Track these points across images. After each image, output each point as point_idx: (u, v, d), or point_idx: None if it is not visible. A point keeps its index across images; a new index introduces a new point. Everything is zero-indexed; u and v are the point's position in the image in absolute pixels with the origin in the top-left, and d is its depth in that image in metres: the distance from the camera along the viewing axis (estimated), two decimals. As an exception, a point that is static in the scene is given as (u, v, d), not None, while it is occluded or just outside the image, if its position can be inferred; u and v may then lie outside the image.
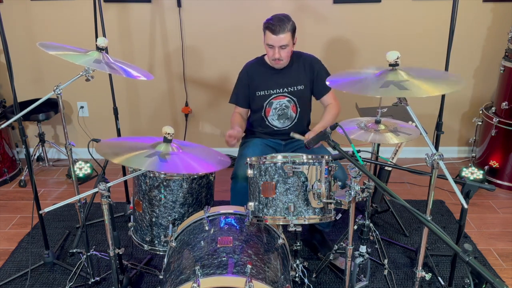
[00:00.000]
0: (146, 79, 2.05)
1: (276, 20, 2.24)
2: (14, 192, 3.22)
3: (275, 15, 2.28)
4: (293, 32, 2.28)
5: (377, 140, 1.97)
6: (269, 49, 2.31)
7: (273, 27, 2.22)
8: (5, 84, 3.50)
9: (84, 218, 2.04)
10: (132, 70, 2.03)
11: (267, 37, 2.27)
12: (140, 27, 3.35)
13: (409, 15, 3.29)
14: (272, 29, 2.23)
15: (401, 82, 1.61)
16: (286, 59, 2.33)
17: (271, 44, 2.26)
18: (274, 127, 2.48)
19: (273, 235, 1.83)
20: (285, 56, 2.30)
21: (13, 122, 2.00)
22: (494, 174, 3.23)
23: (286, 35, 2.23)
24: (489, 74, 3.43)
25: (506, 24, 3.23)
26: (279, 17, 2.26)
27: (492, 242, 2.61)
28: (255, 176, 1.74)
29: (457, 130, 3.66)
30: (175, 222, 1.96)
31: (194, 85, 3.51)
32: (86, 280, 2.18)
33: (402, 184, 3.29)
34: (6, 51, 2.00)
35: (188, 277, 1.52)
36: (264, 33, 2.30)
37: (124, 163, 1.63)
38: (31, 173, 2.17)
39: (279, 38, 2.23)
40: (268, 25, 2.25)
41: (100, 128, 3.61)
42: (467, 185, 1.63)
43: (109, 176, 1.77)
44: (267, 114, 2.46)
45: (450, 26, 2.02)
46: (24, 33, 3.37)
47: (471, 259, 1.07)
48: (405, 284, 2.25)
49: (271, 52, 2.30)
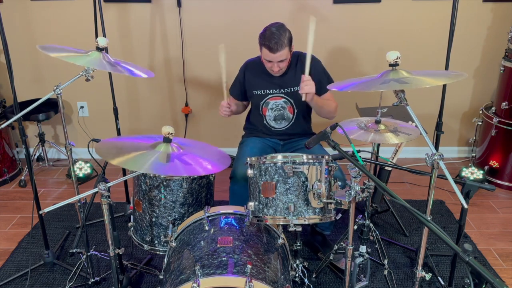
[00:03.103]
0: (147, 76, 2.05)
1: (273, 37, 2.15)
2: (14, 192, 3.22)
3: (269, 30, 2.19)
4: (289, 44, 2.22)
5: (377, 140, 1.97)
6: (267, 63, 2.27)
7: (270, 45, 2.15)
8: (5, 84, 3.50)
9: (84, 218, 2.04)
10: (132, 68, 2.03)
11: (264, 54, 2.22)
12: (140, 27, 3.35)
13: (409, 15, 3.29)
14: (269, 47, 2.16)
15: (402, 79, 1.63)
16: (284, 68, 2.31)
17: (269, 60, 2.23)
18: (271, 127, 2.48)
19: (273, 235, 1.83)
20: (283, 67, 2.28)
21: (13, 122, 2.00)
22: (494, 174, 3.23)
23: (284, 51, 2.18)
24: (489, 74, 3.43)
25: (506, 24, 3.23)
26: (274, 33, 2.16)
27: (492, 242, 2.61)
28: (255, 176, 1.74)
29: (457, 130, 3.66)
30: (175, 222, 1.96)
31: (194, 85, 3.51)
32: (86, 280, 2.18)
33: (402, 184, 3.29)
34: (6, 51, 2.00)
35: (188, 277, 1.52)
36: (260, 48, 2.24)
37: (124, 165, 1.63)
38: (31, 173, 2.17)
39: (277, 55, 2.18)
40: (265, 42, 2.17)
41: (100, 128, 3.61)
42: (467, 185, 1.63)
43: (109, 176, 1.77)
44: (264, 114, 2.46)
45: (450, 26, 2.02)
46: (24, 33, 3.37)
47: (471, 259, 1.07)
48: (405, 284, 2.25)
49: (269, 65, 2.27)
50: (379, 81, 1.66)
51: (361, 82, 1.81)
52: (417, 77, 1.65)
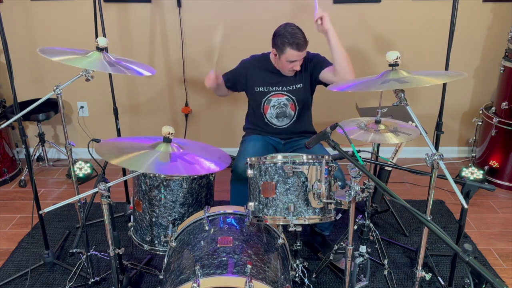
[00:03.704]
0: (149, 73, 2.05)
1: (298, 35, 2.17)
2: (14, 192, 3.22)
3: (289, 29, 2.19)
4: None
5: (377, 140, 1.97)
6: (289, 64, 2.25)
7: (300, 42, 2.16)
8: (5, 84, 3.50)
9: (84, 218, 2.04)
10: (134, 66, 2.03)
11: (290, 54, 2.20)
12: (140, 27, 3.35)
13: (409, 15, 3.29)
14: (298, 45, 2.17)
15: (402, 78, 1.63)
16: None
17: (295, 59, 2.23)
18: (273, 125, 2.48)
19: (273, 235, 1.83)
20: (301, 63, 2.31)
21: (13, 122, 2.00)
22: (494, 174, 3.23)
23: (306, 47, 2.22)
24: (489, 74, 3.43)
25: (506, 24, 3.23)
26: (297, 31, 2.19)
27: (492, 242, 2.61)
28: (255, 176, 1.74)
29: (457, 130, 3.66)
30: (175, 222, 1.96)
31: (194, 85, 3.51)
32: (86, 280, 2.18)
33: (402, 184, 3.29)
34: (6, 51, 2.00)
35: (188, 277, 1.52)
36: (281, 49, 2.21)
37: (125, 165, 1.63)
38: (31, 173, 2.17)
39: (303, 53, 2.22)
40: (293, 41, 2.16)
41: (100, 128, 3.61)
42: (467, 185, 1.63)
43: (109, 176, 1.77)
44: (266, 112, 2.46)
45: (450, 26, 2.02)
46: (24, 33, 3.37)
47: (471, 259, 1.07)
48: (405, 284, 2.25)
49: (291, 65, 2.26)
50: (379, 81, 1.67)
51: (361, 82, 1.81)
52: (417, 76, 1.65)
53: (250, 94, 2.49)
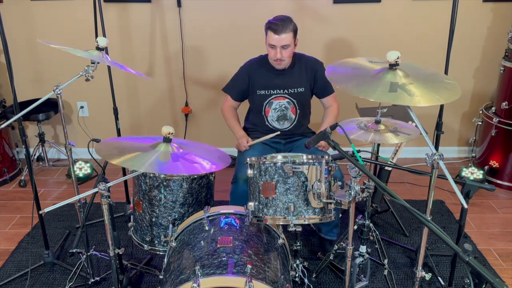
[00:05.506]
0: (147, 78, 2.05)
1: (278, 20, 2.26)
2: (14, 192, 3.22)
3: (277, 16, 2.30)
4: (294, 33, 2.29)
5: (377, 140, 1.97)
6: (271, 50, 2.32)
7: (275, 27, 2.24)
8: (5, 84, 3.50)
9: (84, 218, 2.04)
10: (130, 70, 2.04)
11: (269, 37, 2.28)
12: (140, 27, 3.35)
13: (409, 15, 3.29)
14: (274, 29, 2.24)
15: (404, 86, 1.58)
16: (287, 59, 2.33)
17: (273, 44, 2.27)
18: (273, 128, 2.47)
19: (273, 235, 1.83)
20: (286, 56, 2.30)
21: (13, 122, 2.00)
22: (494, 174, 3.23)
23: (287, 35, 2.24)
24: (489, 74, 3.43)
25: (506, 24, 3.23)
26: (281, 18, 2.28)
27: (492, 242, 2.61)
28: (255, 176, 1.74)
29: (457, 130, 3.66)
30: (175, 222, 1.96)
31: (194, 85, 3.51)
32: (86, 280, 2.18)
33: (402, 184, 3.29)
34: (6, 51, 2.00)
35: (188, 277, 1.52)
36: (266, 33, 2.31)
37: (125, 165, 1.63)
38: (31, 173, 2.17)
39: (281, 38, 2.24)
40: (270, 25, 2.26)
41: (100, 128, 3.61)
42: (467, 185, 1.63)
43: (109, 176, 1.77)
44: (267, 114, 2.46)
45: (450, 26, 2.02)
46: (24, 33, 3.37)
47: (471, 259, 1.07)
48: (405, 284, 2.25)
49: (273, 53, 2.31)
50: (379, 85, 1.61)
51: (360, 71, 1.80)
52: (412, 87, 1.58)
53: (251, 97, 2.49)
